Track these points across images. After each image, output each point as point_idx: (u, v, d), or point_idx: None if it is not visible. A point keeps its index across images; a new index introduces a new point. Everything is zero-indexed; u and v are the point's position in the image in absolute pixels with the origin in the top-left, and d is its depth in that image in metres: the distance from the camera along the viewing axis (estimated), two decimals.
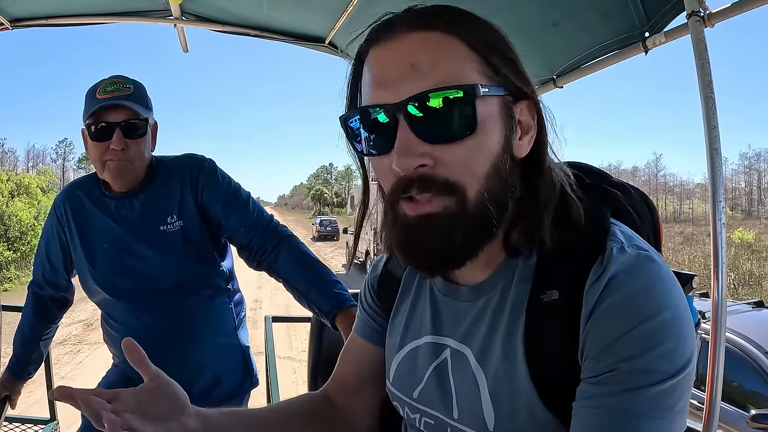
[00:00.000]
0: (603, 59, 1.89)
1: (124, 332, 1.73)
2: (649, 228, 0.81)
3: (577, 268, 0.69)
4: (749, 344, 4.24)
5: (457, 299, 0.83)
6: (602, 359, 0.65)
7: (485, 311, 0.78)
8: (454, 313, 0.83)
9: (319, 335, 2.19)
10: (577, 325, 0.68)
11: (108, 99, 1.59)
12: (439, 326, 0.84)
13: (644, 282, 0.66)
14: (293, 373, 7.32)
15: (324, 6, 2.39)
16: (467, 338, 0.80)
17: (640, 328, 0.64)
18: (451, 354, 0.82)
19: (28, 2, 2.31)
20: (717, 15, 1.49)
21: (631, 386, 0.63)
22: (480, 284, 0.79)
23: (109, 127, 1.60)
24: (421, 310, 0.89)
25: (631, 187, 0.84)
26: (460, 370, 0.80)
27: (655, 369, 0.63)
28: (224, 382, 1.80)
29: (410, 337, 0.89)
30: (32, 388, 1.93)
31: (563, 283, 0.70)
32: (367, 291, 1.01)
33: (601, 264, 0.68)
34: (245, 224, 1.74)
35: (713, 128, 1.46)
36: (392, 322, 0.94)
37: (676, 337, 0.64)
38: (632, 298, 0.65)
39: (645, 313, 0.64)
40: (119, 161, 1.63)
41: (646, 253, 0.69)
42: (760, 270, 18.10)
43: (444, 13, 0.70)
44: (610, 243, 0.69)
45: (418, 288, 0.91)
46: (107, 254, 1.71)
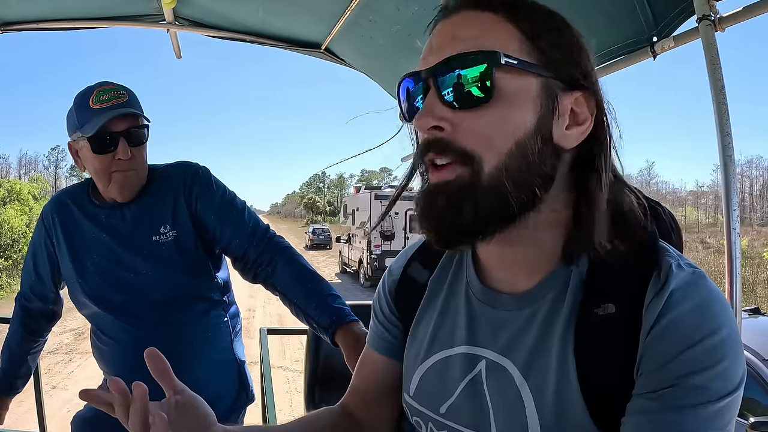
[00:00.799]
0: (610, 64, 1.86)
1: (116, 348, 1.68)
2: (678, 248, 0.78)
3: (634, 281, 0.68)
4: (747, 352, 4.22)
5: (498, 308, 0.78)
6: (660, 375, 0.64)
7: (532, 322, 0.74)
8: (493, 323, 0.78)
9: (315, 348, 2.14)
10: (634, 340, 0.66)
11: (110, 108, 1.54)
12: (475, 336, 0.79)
13: (703, 299, 0.65)
14: (287, 383, 7.28)
15: (320, 11, 2.37)
16: (509, 350, 0.75)
17: (700, 345, 0.63)
18: (486, 366, 0.77)
19: (19, 6, 2.29)
20: (728, 19, 1.48)
21: (687, 403, 0.62)
22: (527, 292, 0.75)
23: (113, 137, 1.55)
24: (453, 317, 0.83)
25: (659, 206, 0.82)
26: (498, 385, 0.75)
27: (712, 387, 0.62)
28: (220, 399, 1.74)
29: (438, 347, 0.83)
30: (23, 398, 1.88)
31: (620, 297, 0.68)
32: (383, 299, 0.96)
33: (658, 278, 0.67)
34: (240, 235, 1.68)
35: (726, 135, 1.44)
36: (414, 330, 0.89)
37: (732, 356, 0.64)
38: (692, 314, 0.64)
39: (705, 330, 0.63)
40: (126, 171, 1.58)
41: (700, 271, 0.68)
42: (754, 276, 18.23)
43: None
44: (667, 258, 0.68)
45: (449, 294, 0.86)
46: (97, 266, 1.65)
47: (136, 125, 1.58)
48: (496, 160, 0.67)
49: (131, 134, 1.57)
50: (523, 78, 0.67)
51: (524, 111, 0.67)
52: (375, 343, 0.97)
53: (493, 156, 0.67)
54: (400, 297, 0.93)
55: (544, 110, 0.68)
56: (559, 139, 0.69)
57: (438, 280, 0.88)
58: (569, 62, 0.69)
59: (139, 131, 1.59)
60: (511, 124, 0.67)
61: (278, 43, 2.71)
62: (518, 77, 0.67)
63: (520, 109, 0.67)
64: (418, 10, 2.00)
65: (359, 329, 1.54)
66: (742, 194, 56.04)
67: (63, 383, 7.28)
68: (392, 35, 0.89)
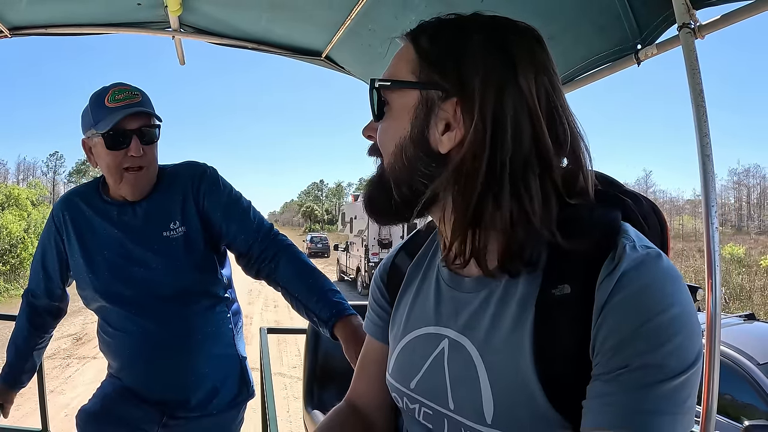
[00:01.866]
0: (597, 71, 1.93)
1: (123, 340, 1.73)
2: (656, 237, 0.82)
3: (589, 263, 0.71)
4: (742, 356, 4.25)
5: (460, 290, 0.84)
6: (614, 356, 0.67)
7: (488, 302, 0.79)
8: (455, 304, 0.84)
9: (314, 348, 2.18)
10: (588, 320, 0.70)
11: (126, 107, 1.60)
12: (440, 316, 0.86)
13: (654, 278, 0.68)
14: (284, 389, 7.28)
15: (321, 20, 2.42)
16: (467, 329, 0.81)
17: (651, 323, 0.66)
18: (449, 344, 0.83)
19: (28, 10, 2.32)
20: (707, 27, 1.53)
21: (643, 383, 0.65)
22: (483, 276, 0.80)
23: (126, 135, 1.61)
24: (424, 300, 0.90)
25: (643, 197, 0.86)
26: (457, 361, 0.81)
27: (666, 365, 0.65)
28: (222, 393, 1.79)
29: (411, 327, 0.91)
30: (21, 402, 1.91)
31: (575, 278, 0.72)
32: (375, 287, 1.04)
33: (612, 260, 0.70)
34: (245, 232, 1.75)
35: (705, 136, 1.49)
36: (395, 313, 0.96)
37: (686, 333, 0.66)
38: (643, 293, 0.67)
39: (656, 308, 0.66)
40: (138, 170, 1.64)
41: (656, 250, 0.71)
42: (751, 284, 18.23)
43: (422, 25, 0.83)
44: (622, 240, 0.71)
45: (422, 279, 0.93)
46: (108, 261, 1.71)
47: (149, 124, 1.64)
48: (387, 161, 0.83)
49: (143, 132, 1.63)
50: (404, 93, 0.81)
51: (403, 121, 0.81)
52: (371, 329, 1.04)
53: (386, 157, 0.84)
54: (390, 284, 1.00)
55: (420, 119, 0.79)
56: (435, 144, 0.79)
57: (416, 266, 0.96)
58: (450, 74, 0.77)
59: (151, 130, 1.65)
60: (393, 132, 0.82)
61: (280, 50, 2.75)
62: (400, 93, 0.81)
63: (400, 119, 0.81)
64: (415, 19, 2.05)
65: (358, 322, 1.59)
66: (739, 203, 56.08)
67: (60, 388, 7.25)
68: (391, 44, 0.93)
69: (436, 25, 0.81)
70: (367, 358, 1.05)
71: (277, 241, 1.76)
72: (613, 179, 0.88)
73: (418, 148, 0.79)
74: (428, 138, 0.79)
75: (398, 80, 0.81)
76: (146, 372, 1.73)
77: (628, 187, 0.88)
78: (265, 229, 1.78)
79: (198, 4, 2.40)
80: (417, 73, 0.79)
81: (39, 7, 2.32)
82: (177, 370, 1.72)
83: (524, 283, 0.76)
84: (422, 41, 0.80)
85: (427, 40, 0.80)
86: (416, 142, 0.79)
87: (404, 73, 0.81)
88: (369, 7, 2.14)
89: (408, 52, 0.82)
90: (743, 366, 4.21)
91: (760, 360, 4.20)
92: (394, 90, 0.82)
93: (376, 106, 0.84)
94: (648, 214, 0.84)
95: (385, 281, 1.02)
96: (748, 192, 56.76)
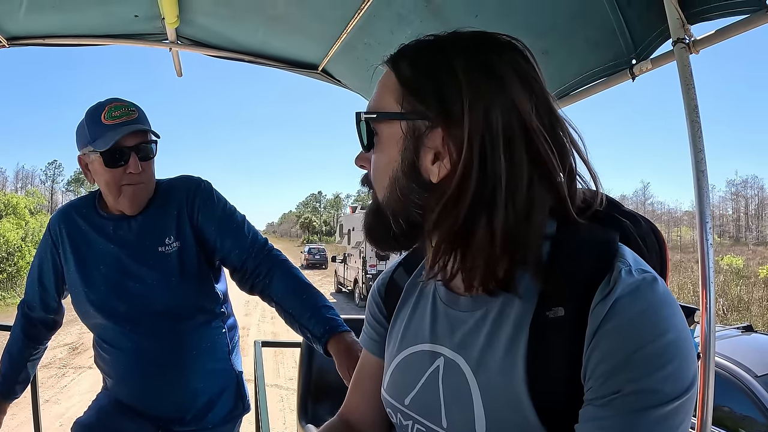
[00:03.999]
0: (592, 86, 1.93)
1: (118, 356, 1.72)
2: (656, 260, 0.81)
3: (585, 286, 0.70)
4: (739, 368, 4.24)
5: (456, 308, 0.84)
6: (607, 381, 0.66)
7: (483, 322, 0.79)
8: (451, 322, 0.84)
9: (309, 362, 2.18)
10: (581, 344, 0.69)
11: (122, 124, 1.60)
12: (436, 334, 0.85)
13: (649, 304, 0.67)
14: (281, 401, 7.23)
15: (318, 33, 2.44)
16: (462, 348, 0.80)
17: (645, 349, 0.65)
18: (444, 362, 0.82)
19: (26, 21, 2.33)
20: (702, 42, 1.53)
21: (636, 407, 0.64)
22: (480, 295, 0.80)
23: (124, 152, 1.61)
24: (420, 317, 0.90)
25: (642, 218, 0.85)
26: (452, 380, 0.80)
27: (660, 390, 0.64)
28: (218, 407, 1.79)
29: (407, 343, 0.90)
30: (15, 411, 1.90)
31: (570, 301, 0.71)
32: (373, 301, 1.03)
33: (608, 284, 0.69)
34: (239, 246, 1.74)
35: (699, 151, 1.49)
36: (391, 329, 0.96)
37: (681, 359, 0.65)
38: (637, 319, 0.66)
39: (650, 334, 0.65)
40: (136, 185, 1.64)
41: (652, 275, 0.70)
42: (749, 295, 18.20)
43: (402, 49, 0.82)
44: (618, 264, 0.71)
45: (419, 296, 0.93)
46: (104, 276, 1.70)
47: (146, 141, 1.64)
48: (381, 192, 0.82)
49: (141, 149, 1.63)
50: (391, 124, 0.80)
51: (392, 152, 0.80)
52: (368, 344, 1.03)
53: (380, 189, 0.83)
54: (387, 300, 1.00)
55: (409, 150, 0.78)
56: (426, 173, 0.77)
57: (413, 283, 0.96)
58: (433, 103, 0.75)
59: (148, 146, 1.65)
60: (384, 164, 0.81)
61: (277, 63, 2.77)
62: (387, 124, 0.80)
63: (389, 150, 0.80)
64: (410, 34, 2.06)
65: (351, 339, 1.58)
66: (737, 214, 56.22)
67: (56, 397, 7.20)
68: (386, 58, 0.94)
69: (416, 49, 0.80)
70: (363, 373, 1.04)
71: (271, 257, 1.76)
72: (613, 199, 0.88)
73: (410, 180, 0.78)
74: (419, 168, 0.77)
75: (383, 112, 0.80)
76: (141, 387, 1.72)
77: (628, 208, 0.88)
78: (259, 244, 1.77)
79: (195, 17, 2.42)
80: (401, 102, 0.78)
81: (37, 18, 2.33)
82: (172, 385, 1.72)
83: (520, 304, 0.76)
84: (403, 68, 0.79)
85: (408, 66, 0.79)
86: (407, 174, 0.78)
87: (389, 103, 0.79)
88: (365, 21, 2.15)
89: (390, 79, 0.80)
90: (741, 378, 4.19)
91: (758, 372, 4.18)
92: (380, 121, 0.81)
93: (365, 136, 0.82)
94: (647, 235, 0.84)
95: (382, 296, 1.02)
96: (746, 203, 56.96)
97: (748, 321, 10.76)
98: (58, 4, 2.26)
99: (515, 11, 1.86)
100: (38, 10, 2.25)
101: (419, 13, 1.99)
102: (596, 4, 1.66)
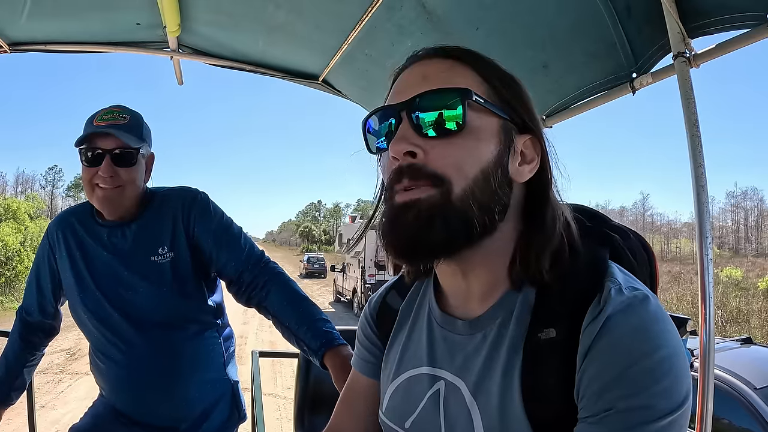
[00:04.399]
0: (591, 99, 1.94)
1: (112, 365, 1.72)
2: (645, 273, 0.82)
3: (576, 306, 0.71)
4: (738, 381, 4.21)
5: (454, 332, 0.83)
6: (600, 399, 0.66)
7: (482, 346, 0.79)
8: (450, 346, 0.83)
9: (306, 372, 2.16)
10: (573, 364, 0.69)
11: (100, 127, 1.62)
12: (435, 358, 0.85)
13: (640, 321, 0.67)
14: (278, 410, 7.20)
15: (319, 44, 2.45)
16: (462, 372, 0.80)
17: (638, 365, 0.65)
18: (445, 386, 0.82)
19: (29, 27, 2.34)
20: (702, 56, 1.54)
21: (630, 424, 0.64)
22: (477, 318, 0.80)
23: (99, 154, 1.62)
24: (417, 340, 0.89)
25: (631, 232, 0.86)
26: (453, 403, 0.80)
27: (653, 406, 0.64)
28: (212, 417, 1.77)
29: (405, 367, 0.89)
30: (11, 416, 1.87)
31: (561, 321, 0.72)
32: (365, 323, 1.02)
33: (598, 303, 0.69)
34: (235, 259, 1.74)
35: (699, 166, 1.49)
36: (388, 352, 0.95)
37: (674, 375, 0.65)
38: (628, 337, 0.66)
39: (642, 351, 0.65)
40: (108, 188, 1.64)
41: (643, 293, 0.70)
42: (748, 307, 18.16)
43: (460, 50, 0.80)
44: (608, 283, 0.71)
45: (414, 319, 0.92)
46: (98, 283, 1.70)
47: (127, 147, 1.63)
48: (464, 184, 0.73)
49: (118, 154, 1.63)
50: (488, 116, 0.76)
51: (488, 144, 0.75)
52: (359, 365, 1.02)
53: (462, 180, 0.73)
54: (380, 322, 0.99)
55: (503, 146, 0.76)
56: (513, 173, 0.77)
57: (407, 306, 0.95)
58: (522, 109, 0.79)
59: (127, 152, 1.64)
60: (477, 153, 0.74)
61: (277, 73, 2.77)
62: (483, 115, 0.76)
63: (486, 142, 0.75)
64: (411, 45, 2.08)
65: (347, 352, 1.58)
66: (736, 225, 56.18)
67: (52, 403, 7.18)
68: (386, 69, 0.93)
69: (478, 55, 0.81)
70: (353, 393, 1.03)
71: (267, 269, 1.75)
72: (597, 212, 0.88)
73: (503, 176, 0.76)
74: (508, 166, 0.77)
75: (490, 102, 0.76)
76: (136, 396, 1.72)
77: (615, 222, 0.88)
78: (255, 256, 1.76)
79: (196, 26, 2.43)
80: (490, 94, 0.77)
81: (39, 24, 2.35)
82: (166, 394, 1.71)
83: (515, 326, 0.76)
84: (483, 69, 0.79)
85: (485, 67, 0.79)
86: (503, 169, 0.76)
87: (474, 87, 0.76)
88: (365, 32, 2.16)
89: (464, 73, 0.77)
90: (740, 391, 4.17)
91: (757, 384, 4.16)
92: (476, 109, 0.75)
93: (459, 118, 0.74)
94: (637, 250, 0.84)
95: (374, 319, 1.01)
96: (745, 215, 56.93)
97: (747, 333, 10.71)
98: (60, 11, 2.27)
99: (516, 24, 1.86)
100: (40, 16, 2.26)
101: (420, 25, 2.00)
102: (596, 18, 1.66)
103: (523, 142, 0.79)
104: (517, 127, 0.78)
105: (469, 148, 0.74)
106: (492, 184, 0.74)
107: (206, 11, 2.33)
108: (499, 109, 0.77)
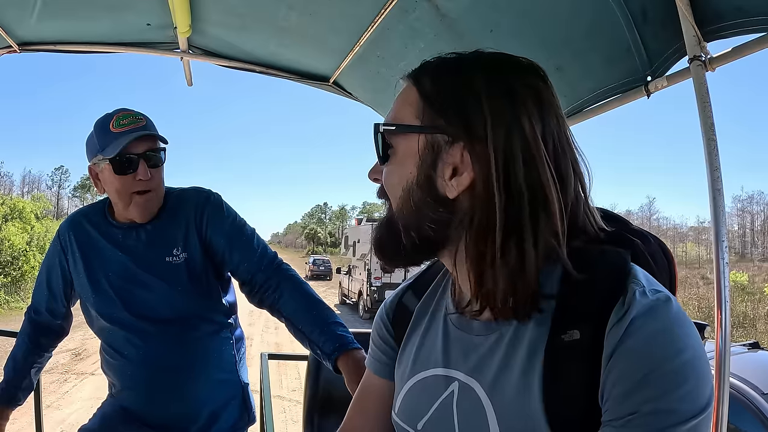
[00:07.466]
0: (606, 102, 1.92)
1: (124, 363, 1.72)
2: (665, 277, 0.81)
3: (599, 307, 0.70)
4: (746, 386, 4.18)
5: (470, 333, 0.83)
6: (625, 401, 0.66)
7: (498, 346, 0.78)
8: (465, 347, 0.83)
9: (315, 375, 2.15)
10: (597, 366, 0.69)
11: (131, 131, 1.61)
12: (449, 359, 0.85)
13: (664, 324, 0.67)
14: (283, 413, 7.20)
15: (330, 46, 2.44)
16: (476, 372, 0.80)
17: (662, 369, 0.65)
18: (459, 387, 0.82)
19: (38, 27, 2.35)
20: (718, 59, 1.52)
21: (654, 428, 0.64)
22: (494, 319, 0.79)
23: (132, 159, 1.61)
24: (432, 341, 0.89)
25: (651, 236, 0.85)
26: (466, 404, 0.80)
27: (677, 409, 0.64)
28: (222, 419, 1.78)
29: (419, 367, 0.89)
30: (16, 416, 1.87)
31: (585, 323, 0.71)
32: (380, 323, 1.02)
33: (622, 305, 0.69)
34: (248, 260, 1.74)
35: (715, 169, 1.47)
36: (402, 352, 0.95)
37: (697, 377, 0.65)
38: (653, 339, 0.66)
39: (666, 354, 0.65)
40: (146, 192, 1.65)
41: (665, 294, 0.70)
42: (755, 312, 18.08)
43: (424, 65, 0.83)
44: (632, 285, 0.71)
45: (430, 320, 0.92)
46: (112, 283, 1.71)
47: (154, 148, 1.65)
48: (395, 203, 0.83)
49: (149, 156, 1.64)
50: (409, 138, 0.80)
51: (409, 165, 0.80)
52: (373, 366, 1.02)
53: (394, 200, 0.83)
54: (396, 322, 0.99)
55: (426, 164, 0.78)
56: (442, 188, 0.78)
57: (423, 306, 0.95)
58: (456, 118, 0.76)
59: (157, 154, 1.66)
60: (399, 176, 0.81)
61: (288, 74, 2.77)
62: (405, 138, 0.81)
63: (406, 164, 0.80)
64: (424, 48, 2.07)
65: (361, 356, 1.58)
66: (743, 229, 55.94)
67: (57, 403, 7.19)
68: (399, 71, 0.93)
69: (439, 65, 0.81)
70: (367, 394, 1.03)
71: (280, 271, 1.75)
72: (617, 216, 0.88)
73: (425, 193, 0.78)
74: (435, 182, 0.78)
75: (402, 125, 0.81)
76: (147, 395, 1.72)
77: (635, 225, 0.88)
78: (268, 257, 1.77)
79: (207, 27, 2.43)
80: (421, 117, 0.79)
81: (49, 24, 2.35)
82: (177, 394, 1.71)
83: (534, 328, 0.75)
84: (425, 84, 0.80)
85: (430, 82, 0.80)
86: (423, 187, 0.79)
87: (408, 117, 0.80)
88: (378, 34, 2.15)
89: (411, 94, 0.81)
90: (748, 396, 4.13)
91: (764, 389, 4.14)
92: (398, 134, 0.81)
93: (381, 149, 0.83)
94: (656, 253, 0.84)
95: (390, 319, 1.01)
96: (752, 219, 56.73)
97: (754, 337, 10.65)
98: (71, 11, 2.28)
99: (530, 27, 1.85)
100: (50, 17, 2.26)
101: (433, 27, 1.99)
102: (611, 21, 1.65)
103: (452, 153, 0.76)
104: (450, 138, 0.76)
105: (394, 171, 0.83)
106: (411, 204, 0.80)
107: (217, 12, 2.33)
108: (422, 128, 0.79)
